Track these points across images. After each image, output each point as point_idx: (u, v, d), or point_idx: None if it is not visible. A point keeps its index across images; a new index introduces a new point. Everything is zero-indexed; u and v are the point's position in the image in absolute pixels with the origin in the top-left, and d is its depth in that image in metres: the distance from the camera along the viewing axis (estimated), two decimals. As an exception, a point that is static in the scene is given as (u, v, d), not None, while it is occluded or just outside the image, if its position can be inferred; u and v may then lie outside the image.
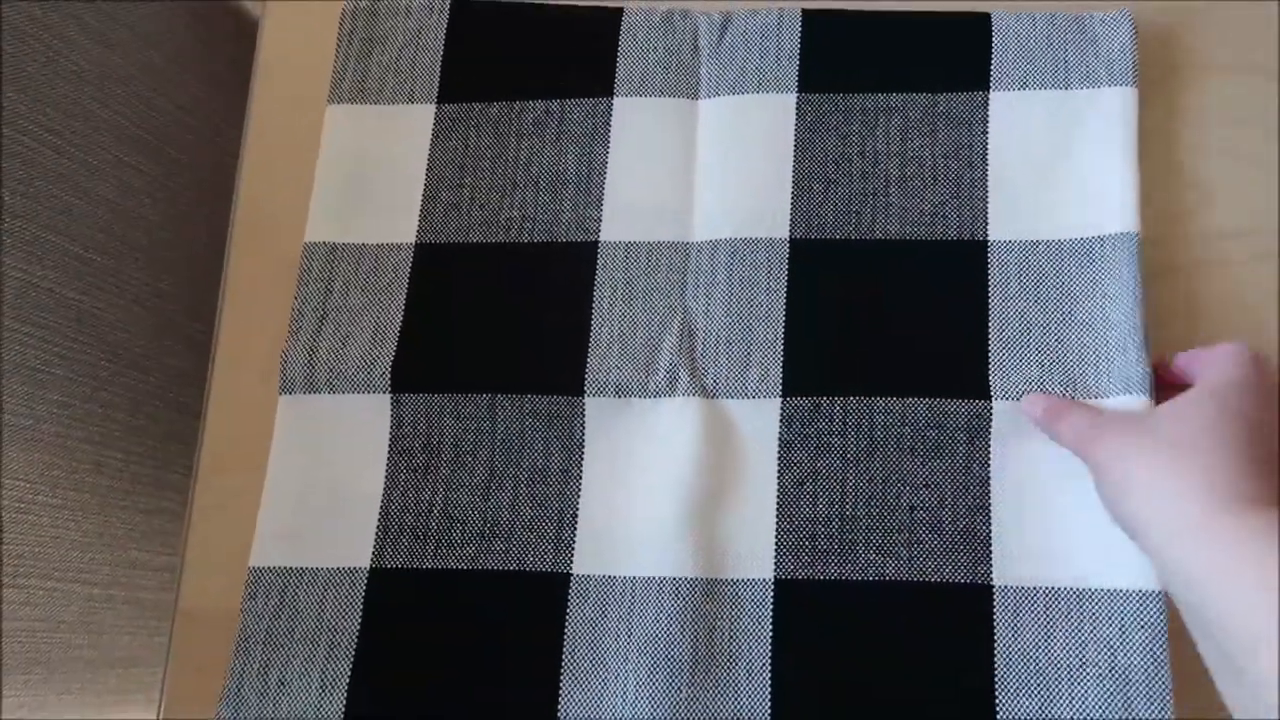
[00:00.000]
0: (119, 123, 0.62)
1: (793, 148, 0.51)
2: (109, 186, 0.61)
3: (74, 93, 0.58)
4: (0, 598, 0.54)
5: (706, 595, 0.45)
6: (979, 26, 0.51)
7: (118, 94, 0.62)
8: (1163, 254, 0.48)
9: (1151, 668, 0.42)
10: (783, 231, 0.50)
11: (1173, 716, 0.42)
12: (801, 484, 0.46)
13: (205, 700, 0.47)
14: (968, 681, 0.43)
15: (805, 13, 0.52)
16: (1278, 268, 0.48)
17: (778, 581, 0.45)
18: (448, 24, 0.54)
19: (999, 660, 0.43)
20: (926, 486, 0.46)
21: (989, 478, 0.45)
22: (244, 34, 0.56)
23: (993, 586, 0.44)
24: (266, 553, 0.48)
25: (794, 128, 0.51)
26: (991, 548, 0.45)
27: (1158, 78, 0.50)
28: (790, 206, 0.50)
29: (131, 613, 0.64)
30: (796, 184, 0.50)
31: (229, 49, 0.73)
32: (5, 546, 0.54)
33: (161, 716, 0.47)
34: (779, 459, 0.47)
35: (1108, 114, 0.49)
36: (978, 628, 0.44)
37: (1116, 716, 0.42)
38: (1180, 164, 0.49)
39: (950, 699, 0.43)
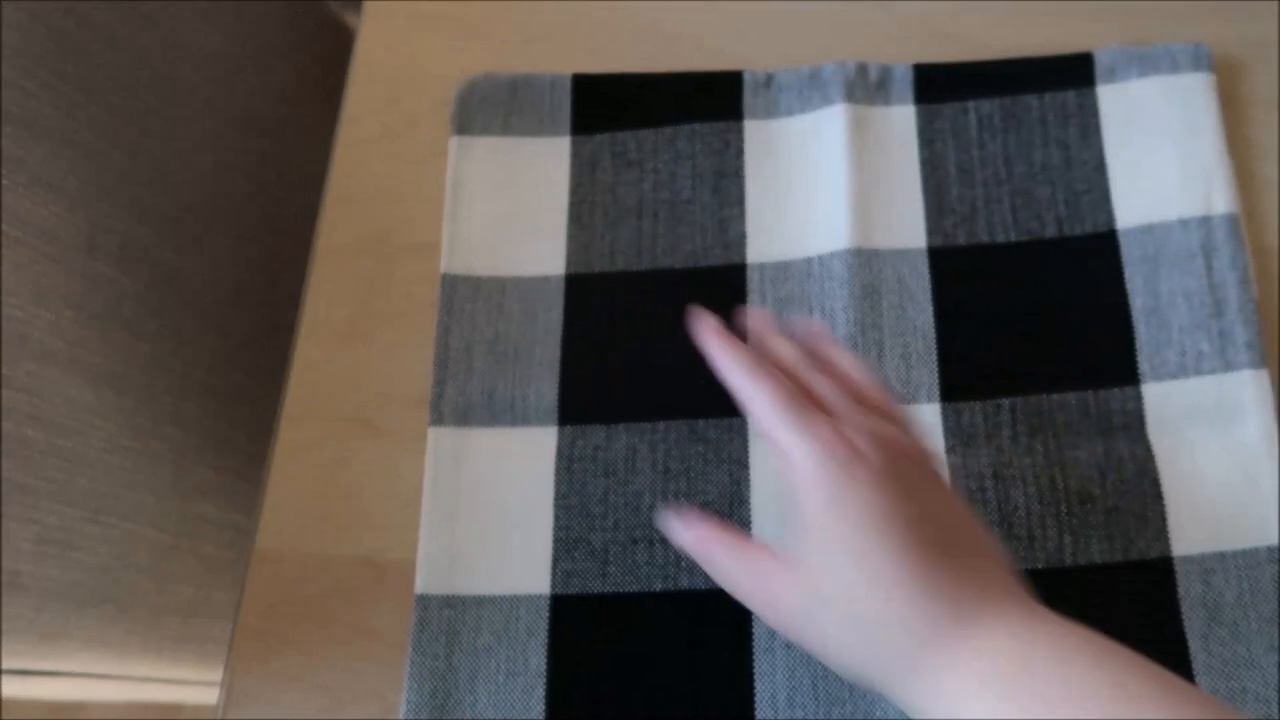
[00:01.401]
0: (220, 101, 0.66)
1: (918, 156, 0.53)
2: (207, 158, 0.65)
3: (184, 69, 0.62)
4: (79, 532, 0.56)
5: None
6: (1081, 56, 0.54)
7: (222, 74, 0.65)
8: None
9: None
10: (920, 241, 0.52)
11: None
12: (971, 484, 0.47)
13: (273, 637, 0.49)
14: (1163, 645, 0.44)
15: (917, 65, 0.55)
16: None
17: None
18: (571, 81, 0.56)
19: (1186, 625, 0.44)
20: (1094, 470, 0.47)
21: (1153, 458, 0.47)
22: (338, 36, 0.60)
23: (1172, 558, 0.46)
24: (433, 581, 0.48)
25: (916, 136, 0.54)
26: (1167, 524, 0.46)
27: (1223, 107, 0.53)
28: (924, 216, 0.52)
29: (195, 564, 0.67)
30: (926, 192, 0.52)
31: (322, 47, 0.76)
32: (90, 484, 0.57)
33: (230, 657, 0.49)
34: (948, 464, 0.48)
35: (1199, 96, 0.52)
36: (1163, 599, 0.45)
37: None
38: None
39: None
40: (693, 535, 0.41)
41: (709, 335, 0.41)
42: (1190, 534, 0.46)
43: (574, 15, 0.59)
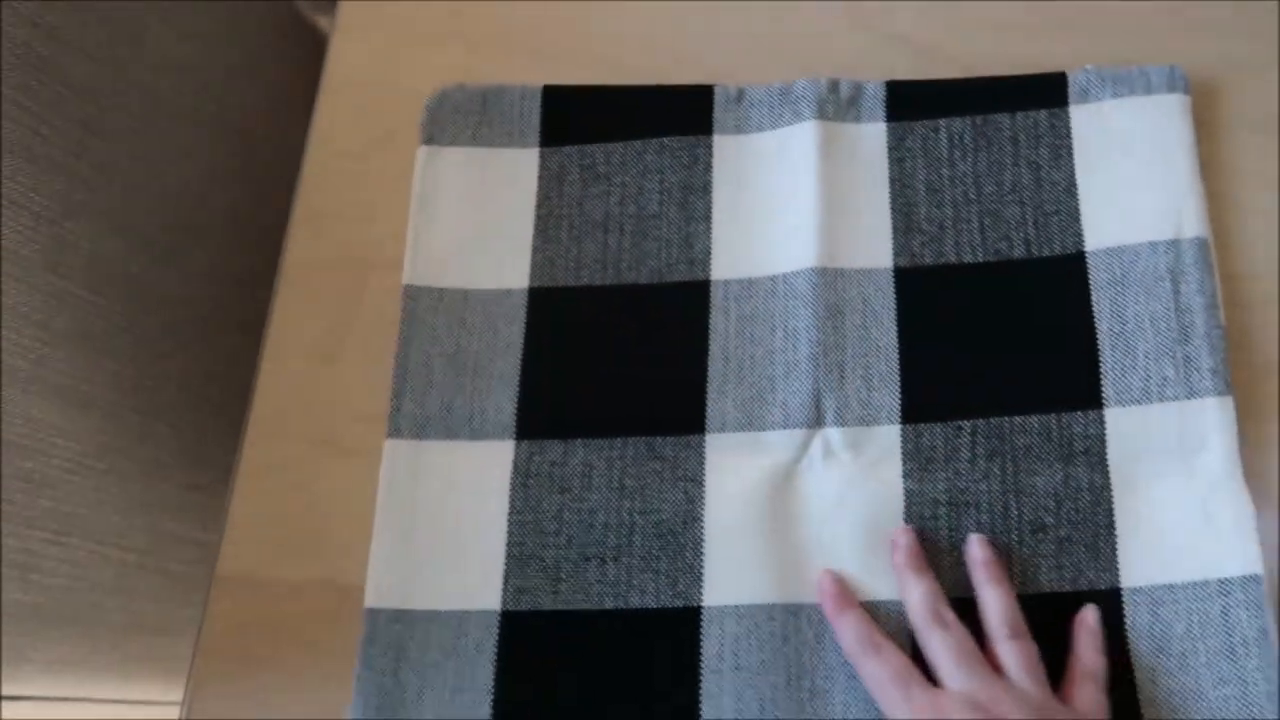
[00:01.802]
0: (194, 113, 0.65)
1: (887, 175, 0.53)
2: (180, 171, 0.64)
3: (156, 80, 0.61)
4: (40, 553, 0.56)
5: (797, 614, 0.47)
6: (1055, 76, 0.54)
7: (195, 86, 0.65)
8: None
9: (1260, 639, 0.43)
10: (886, 261, 0.51)
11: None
12: (925, 510, 0.47)
13: (235, 659, 0.48)
14: (1110, 679, 0.44)
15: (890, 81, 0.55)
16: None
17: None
18: (542, 93, 0.56)
19: (1133, 657, 0.44)
20: (1050, 499, 0.47)
21: (1110, 485, 0.47)
22: (314, 45, 0.59)
23: (1121, 590, 0.45)
24: (383, 594, 0.48)
25: (886, 154, 0.53)
26: (1117, 554, 0.46)
27: (1198, 129, 0.52)
28: (891, 235, 0.52)
29: (162, 582, 0.66)
30: (895, 211, 0.52)
31: (297, 56, 0.76)
32: (52, 504, 0.56)
33: (191, 680, 0.49)
34: (904, 488, 0.48)
35: (1172, 118, 0.51)
36: (1110, 630, 0.45)
37: (1234, 694, 0.43)
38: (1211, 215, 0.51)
39: None
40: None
41: (826, 598, 0.46)
42: (1141, 565, 0.45)
43: (551, 26, 0.59)
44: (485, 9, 0.59)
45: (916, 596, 0.44)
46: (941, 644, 0.43)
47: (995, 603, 0.44)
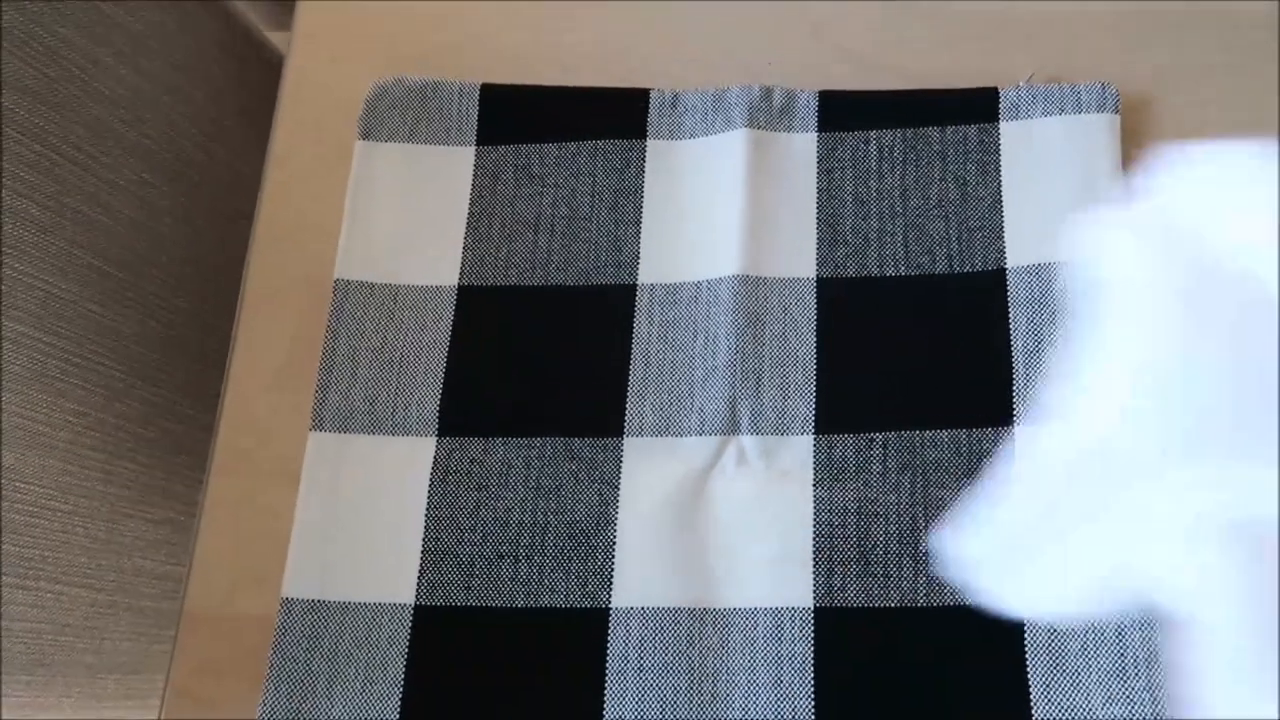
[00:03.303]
0: (145, 145, 0.65)
1: (815, 185, 0.53)
2: (132, 205, 0.64)
3: (104, 114, 0.61)
4: (6, 599, 0.55)
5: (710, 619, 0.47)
6: (987, 92, 0.54)
7: (146, 117, 0.64)
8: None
9: (1151, 660, 0.44)
10: (809, 271, 0.51)
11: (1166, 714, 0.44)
12: (834, 519, 0.48)
13: (206, 703, 0.48)
14: (1006, 696, 0.45)
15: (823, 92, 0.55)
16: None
17: (816, 610, 0.46)
18: (480, 91, 0.56)
19: (1030, 673, 0.45)
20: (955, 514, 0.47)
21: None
22: (271, 68, 0.59)
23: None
24: (301, 584, 0.48)
25: (815, 165, 0.53)
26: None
27: (1131, 140, 0.53)
28: (815, 246, 0.52)
29: (133, 620, 0.66)
30: (820, 222, 0.52)
31: (255, 80, 0.75)
32: (17, 549, 0.56)
33: (163, 711, 0.49)
34: (814, 497, 0.48)
35: (1100, 136, 0.51)
36: (1009, 645, 0.45)
37: (1121, 715, 0.44)
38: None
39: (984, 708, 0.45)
40: None
41: None
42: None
43: (510, 30, 0.59)
44: (441, 23, 0.59)
45: None
46: None
47: None
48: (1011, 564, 0.43)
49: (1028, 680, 0.45)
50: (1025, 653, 0.45)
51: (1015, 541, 0.43)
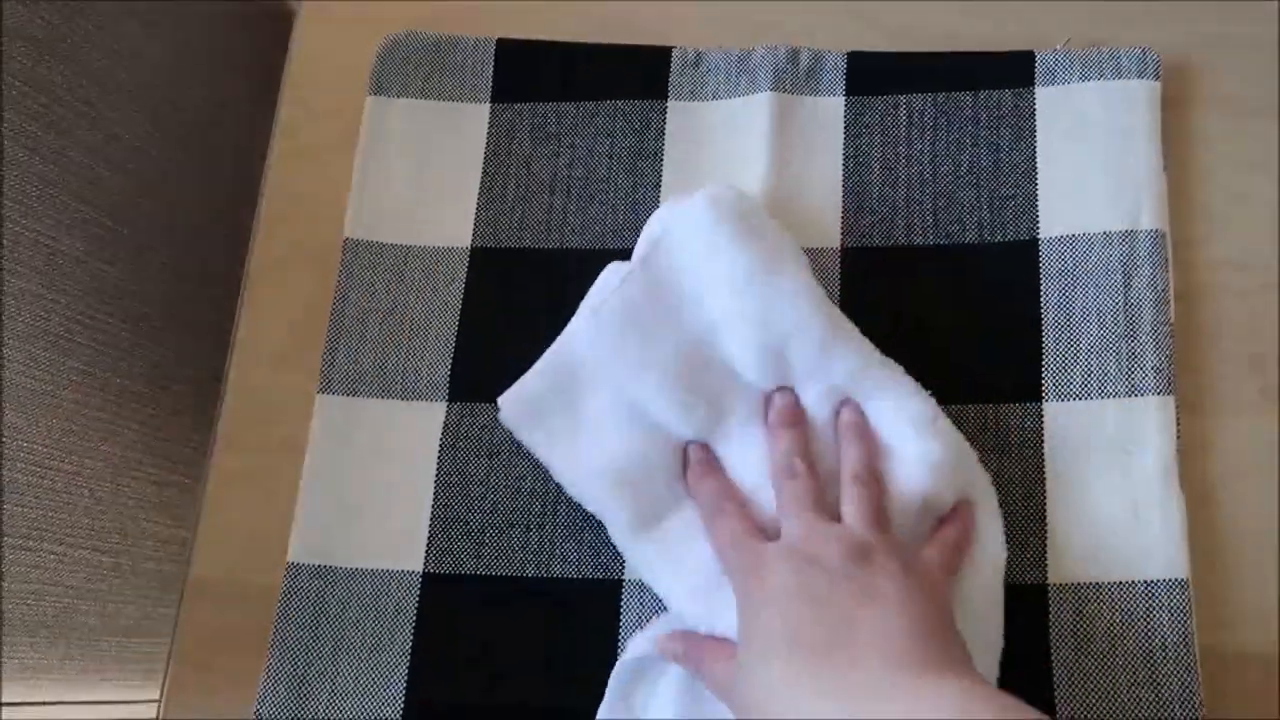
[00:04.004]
0: (153, 102, 0.63)
1: (841, 152, 0.51)
2: (140, 163, 0.62)
3: (112, 69, 0.59)
4: (8, 559, 0.55)
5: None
6: (1023, 55, 0.52)
7: (154, 74, 0.63)
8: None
9: (1180, 644, 0.43)
10: (834, 241, 0.50)
11: (1202, 699, 0.43)
12: None
13: (209, 671, 0.48)
14: (1028, 671, 0.44)
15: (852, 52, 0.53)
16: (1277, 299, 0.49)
17: None
18: (496, 46, 0.54)
19: (1054, 653, 0.44)
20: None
21: (1044, 480, 0.46)
22: (280, 32, 0.57)
23: (1047, 585, 0.45)
24: (306, 550, 0.48)
25: (843, 131, 0.51)
26: (1046, 550, 0.45)
27: (1173, 108, 0.51)
28: (841, 215, 0.50)
29: (136, 583, 0.65)
30: (846, 190, 0.51)
31: (263, 42, 0.74)
32: (21, 509, 0.55)
33: (166, 685, 0.48)
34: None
35: (1140, 104, 0.50)
36: (1034, 624, 0.44)
37: (1148, 697, 0.43)
38: (1188, 194, 0.50)
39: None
40: (681, 650, 0.43)
41: (692, 465, 0.45)
42: (1069, 562, 0.45)
43: None
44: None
45: (777, 451, 0.44)
46: (785, 493, 0.43)
47: (849, 455, 0.43)
48: None
49: (1051, 661, 0.44)
50: (1050, 634, 0.44)
51: None
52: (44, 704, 0.59)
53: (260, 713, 0.46)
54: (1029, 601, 0.44)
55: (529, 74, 0.54)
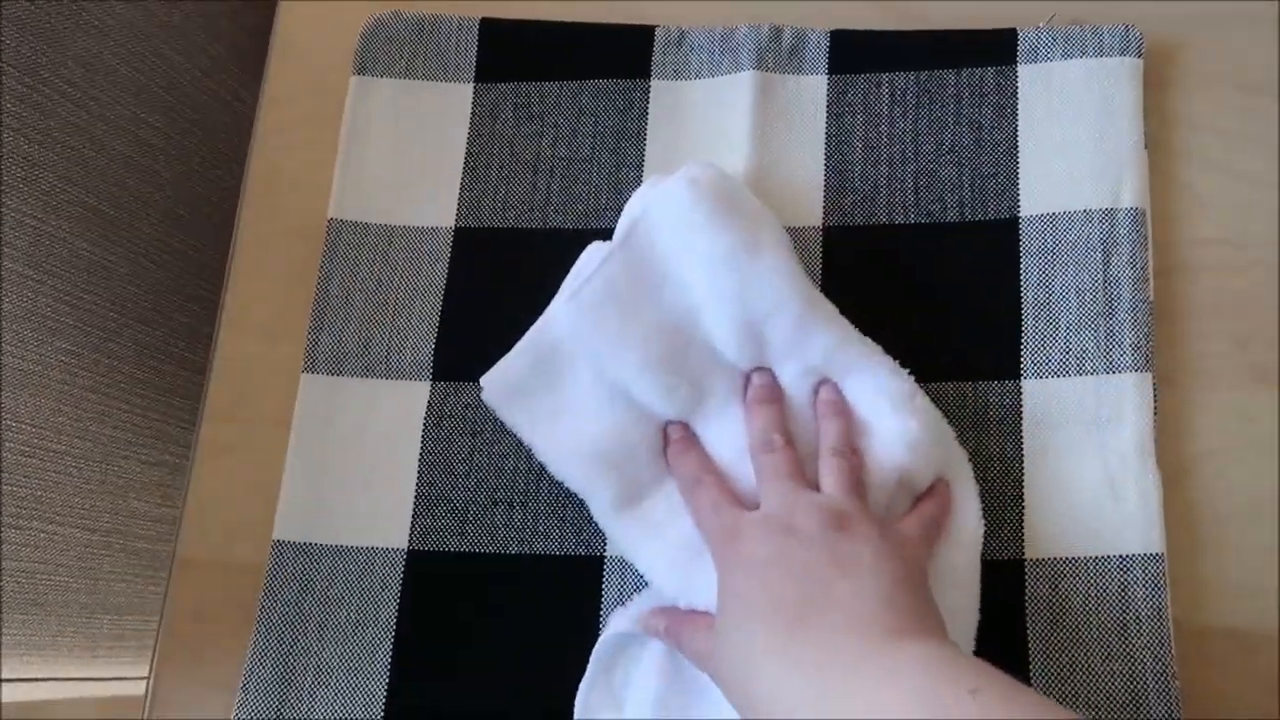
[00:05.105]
0: (138, 80, 0.63)
1: (824, 131, 0.51)
2: (125, 142, 0.62)
3: (96, 47, 0.59)
4: (1, 539, 0.55)
5: None
6: (1005, 33, 0.52)
7: (138, 51, 0.63)
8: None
9: (1154, 618, 0.44)
10: (815, 220, 0.50)
11: (1176, 672, 0.43)
12: None
13: (198, 647, 0.48)
14: (1004, 644, 0.44)
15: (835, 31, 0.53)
16: (1278, 278, 0.49)
17: None
18: (479, 26, 0.54)
19: (1030, 626, 0.44)
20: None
21: (1022, 457, 0.46)
22: (265, 13, 0.57)
23: (1024, 560, 0.45)
24: (291, 528, 0.48)
25: (825, 109, 0.52)
26: (1023, 525, 0.46)
27: (1155, 86, 0.51)
28: (823, 193, 0.50)
29: (128, 561, 0.66)
30: (828, 169, 0.51)
31: (250, 18, 0.73)
32: (9, 489, 0.55)
33: (155, 662, 0.49)
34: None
35: (1122, 82, 0.50)
36: (1010, 599, 0.45)
37: (1121, 670, 0.43)
38: (1173, 172, 0.50)
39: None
40: (663, 627, 0.43)
41: (672, 442, 0.46)
42: (1045, 538, 0.45)
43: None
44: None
45: (755, 427, 0.44)
46: (764, 466, 0.43)
47: (828, 431, 0.44)
48: None
49: (1026, 635, 0.44)
50: (1025, 608, 0.44)
51: None
52: (36, 680, 0.60)
53: (246, 688, 0.46)
54: (1006, 576, 0.45)
55: (512, 54, 0.54)
